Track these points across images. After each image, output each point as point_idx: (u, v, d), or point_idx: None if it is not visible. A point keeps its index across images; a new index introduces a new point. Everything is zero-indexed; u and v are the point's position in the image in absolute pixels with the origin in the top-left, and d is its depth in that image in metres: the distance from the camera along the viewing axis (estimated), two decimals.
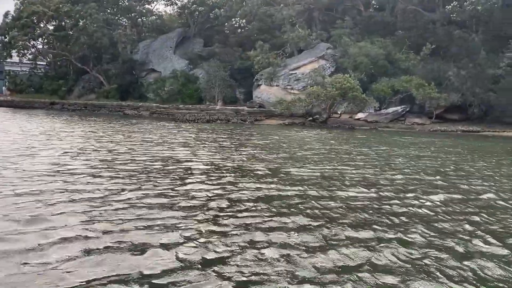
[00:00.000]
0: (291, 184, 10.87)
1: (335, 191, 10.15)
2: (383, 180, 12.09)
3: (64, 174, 10.77)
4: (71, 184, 9.58)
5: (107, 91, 55.75)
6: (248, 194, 9.42)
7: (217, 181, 10.81)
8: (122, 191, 9.11)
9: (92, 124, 29.54)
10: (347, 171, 13.32)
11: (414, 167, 15.12)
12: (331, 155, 17.69)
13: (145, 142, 19.14)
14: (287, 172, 12.69)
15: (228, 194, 9.37)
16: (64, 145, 17.03)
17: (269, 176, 11.88)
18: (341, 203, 8.97)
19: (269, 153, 17.19)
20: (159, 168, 12.44)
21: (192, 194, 9.24)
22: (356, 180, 11.90)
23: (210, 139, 22.37)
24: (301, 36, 45.98)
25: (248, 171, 12.61)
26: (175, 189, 9.63)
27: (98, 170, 11.63)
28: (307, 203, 8.82)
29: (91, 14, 55.82)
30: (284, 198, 9.24)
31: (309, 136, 27.09)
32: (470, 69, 38.74)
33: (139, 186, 9.76)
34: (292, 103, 37.96)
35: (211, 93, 49.23)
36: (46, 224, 6.60)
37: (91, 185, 9.61)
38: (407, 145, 23.81)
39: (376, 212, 8.38)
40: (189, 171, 12.22)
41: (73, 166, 12.05)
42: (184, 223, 7.01)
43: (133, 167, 12.27)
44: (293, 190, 10.02)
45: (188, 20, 59.21)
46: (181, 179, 10.91)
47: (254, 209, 8.17)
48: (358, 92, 36.86)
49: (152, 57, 57.52)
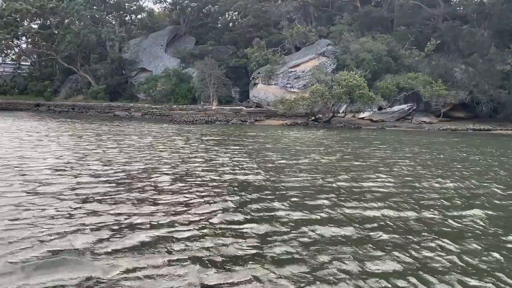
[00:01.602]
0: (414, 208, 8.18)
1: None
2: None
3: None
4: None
5: (95, 92, 52.32)
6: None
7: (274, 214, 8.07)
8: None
9: (79, 126, 26.45)
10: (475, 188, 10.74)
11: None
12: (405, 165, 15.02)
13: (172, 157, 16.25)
14: (367, 190, 9.98)
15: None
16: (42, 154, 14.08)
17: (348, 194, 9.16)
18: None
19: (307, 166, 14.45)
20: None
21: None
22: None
23: (228, 147, 19.59)
24: (301, 32, 43.23)
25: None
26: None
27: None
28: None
29: (78, 10, 52.30)
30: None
31: (324, 138, 24.39)
32: (481, 65, 36.42)
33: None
34: (295, 102, 35.20)
35: (205, 92, 46.23)
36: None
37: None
38: (456, 146, 21.43)
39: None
40: (238, 186, 9.47)
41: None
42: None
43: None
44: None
45: (180, 17, 56.05)
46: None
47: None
48: (365, 90, 34.27)
49: (142, 55, 54.29)
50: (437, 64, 39.08)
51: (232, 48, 51.89)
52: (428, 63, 40.24)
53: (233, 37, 52.22)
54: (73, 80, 57.27)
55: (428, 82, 37.40)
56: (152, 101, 49.41)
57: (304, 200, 8.78)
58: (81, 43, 53.31)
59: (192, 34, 58.25)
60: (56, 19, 55.41)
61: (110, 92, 52.81)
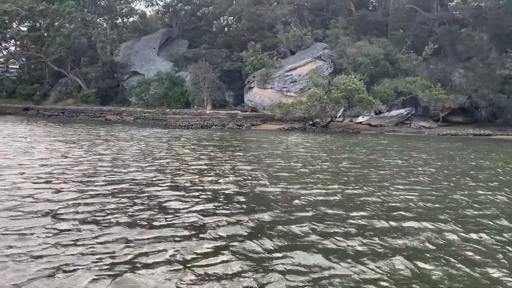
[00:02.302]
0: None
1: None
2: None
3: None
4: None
5: (86, 95, 50.66)
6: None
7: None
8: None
9: (69, 131, 24.95)
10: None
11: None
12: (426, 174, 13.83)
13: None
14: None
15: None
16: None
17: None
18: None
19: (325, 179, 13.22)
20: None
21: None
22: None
23: (235, 154, 18.29)
24: (297, 35, 42.08)
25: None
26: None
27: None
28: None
29: (69, 12, 50.66)
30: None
31: (327, 143, 23.19)
32: (480, 69, 35.57)
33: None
34: (293, 106, 33.98)
35: (199, 96, 44.87)
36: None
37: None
38: (462, 152, 20.22)
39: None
40: (255, 200, 8.20)
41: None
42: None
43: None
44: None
45: (172, 20, 54.64)
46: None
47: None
48: (365, 94, 33.19)
49: (134, 59, 52.77)
50: (435, 68, 38.19)
51: (226, 51, 50.64)
52: (426, 67, 39.34)
53: (227, 40, 50.96)
54: (63, 84, 55.55)
55: (426, 86, 36.48)
56: (144, 105, 47.93)
57: (336, 222, 7.52)
58: (72, 45, 51.69)
59: (184, 37, 56.91)
60: (46, 21, 53.70)
61: (101, 95, 51.22)
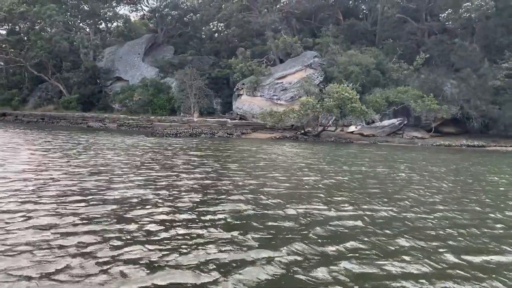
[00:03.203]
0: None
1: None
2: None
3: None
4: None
5: (67, 101, 48.45)
6: None
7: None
8: None
9: (47, 138, 23.02)
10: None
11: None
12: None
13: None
14: None
15: None
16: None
17: None
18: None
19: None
20: None
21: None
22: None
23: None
24: (287, 43, 40.86)
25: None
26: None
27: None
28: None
29: (50, 16, 48.48)
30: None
31: (324, 153, 21.80)
32: (474, 80, 34.84)
33: None
34: (285, 114, 32.62)
35: (186, 103, 43.19)
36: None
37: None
38: (466, 164, 19.01)
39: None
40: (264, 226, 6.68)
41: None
42: None
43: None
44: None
45: (159, 25, 52.92)
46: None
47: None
48: (358, 103, 32.04)
49: (118, 64, 50.83)
50: (426, 78, 37.37)
51: (213, 58, 49.14)
52: (417, 77, 38.54)
53: (215, 47, 49.49)
54: (43, 89, 53.28)
55: (419, 96, 35.60)
56: (128, 111, 45.99)
57: (393, 259, 6.06)
58: (53, 50, 49.52)
59: (170, 43, 55.27)
60: (26, 24, 51.40)
61: (83, 102, 49.08)
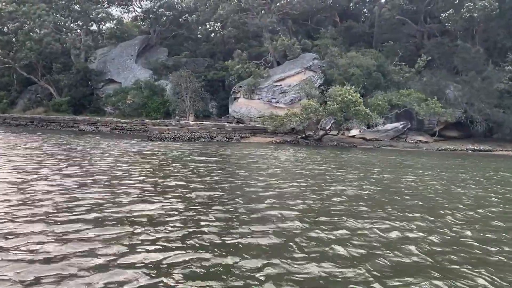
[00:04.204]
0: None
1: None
2: None
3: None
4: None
5: (58, 104, 46.46)
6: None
7: None
8: None
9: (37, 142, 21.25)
10: None
11: None
12: None
13: None
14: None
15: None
16: None
17: None
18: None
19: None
20: None
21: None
22: None
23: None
24: (286, 44, 39.44)
25: None
26: None
27: None
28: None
29: (40, 16, 46.50)
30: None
31: (332, 159, 20.34)
32: (478, 83, 33.72)
33: None
34: (287, 118, 31.14)
35: (181, 106, 41.55)
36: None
37: None
38: (484, 169, 17.65)
39: None
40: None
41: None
42: None
43: None
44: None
45: (153, 26, 51.15)
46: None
47: None
48: (361, 107, 30.69)
49: (110, 66, 48.99)
50: (429, 81, 36.19)
51: (209, 60, 47.55)
52: (419, 79, 37.37)
53: (211, 49, 47.90)
54: (33, 91, 51.20)
55: (422, 99, 34.38)
56: (121, 115, 44.22)
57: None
58: (43, 51, 47.51)
59: (163, 44, 53.57)
60: (14, 24, 49.28)
61: (74, 104, 47.16)
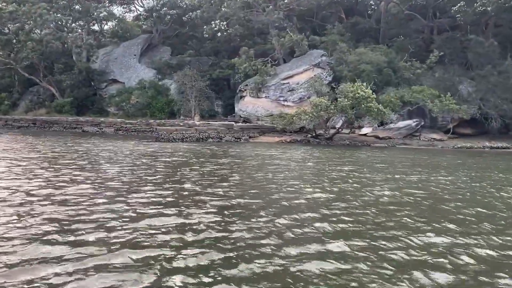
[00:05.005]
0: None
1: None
2: None
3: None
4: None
5: (60, 105, 45.26)
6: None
7: None
8: None
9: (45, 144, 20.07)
10: None
11: None
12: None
13: None
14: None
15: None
16: None
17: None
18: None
19: None
20: None
21: None
22: None
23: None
24: (294, 41, 38.19)
25: None
26: None
27: None
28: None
29: (41, 15, 45.28)
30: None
31: (353, 159, 19.10)
32: (494, 78, 32.41)
33: None
34: (297, 116, 29.92)
35: (186, 106, 40.34)
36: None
37: None
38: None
39: None
40: None
41: None
42: None
43: None
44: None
45: (156, 25, 49.87)
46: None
47: None
48: (374, 103, 29.44)
49: (113, 66, 47.77)
50: (442, 77, 34.90)
51: (213, 58, 46.30)
52: (431, 75, 36.09)
53: (215, 47, 46.62)
54: (35, 92, 49.97)
55: (435, 96, 33.10)
56: (125, 115, 43.02)
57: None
58: (44, 51, 46.32)
59: (166, 44, 52.32)
60: (15, 24, 48.06)
61: (76, 105, 45.93)
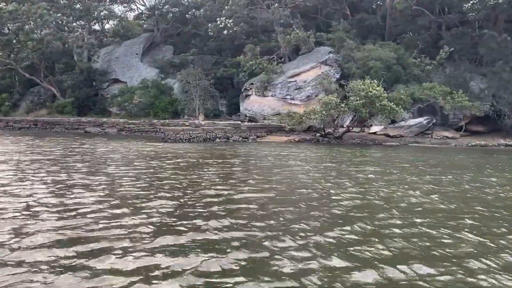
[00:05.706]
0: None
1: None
2: None
3: None
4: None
5: (61, 106, 44.19)
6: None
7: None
8: None
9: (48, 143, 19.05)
10: None
11: None
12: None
13: None
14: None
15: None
16: None
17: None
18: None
19: None
20: None
21: None
22: None
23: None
24: (301, 38, 37.15)
25: None
26: None
27: None
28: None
29: (41, 15, 44.18)
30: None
31: (373, 159, 18.07)
32: (508, 74, 31.40)
33: None
34: (307, 116, 28.89)
35: (190, 105, 39.32)
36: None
37: None
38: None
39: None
40: None
41: None
42: None
43: None
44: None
45: (158, 23, 48.76)
46: None
47: None
48: (386, 101, 28.43)
49: (115, 65, 46.68)
50: (452, 73, 33.88)
51: (217, 57, 45.24)
52: (442, 72, 35.07)
53: (219, 45, 45.53)
54: (36, 93, 48.88)
55: (447, 92, 32.08)
56: (127, 115, 41.98)
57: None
58: (45, 51, 45.27)
59: (168, 42, 51.24)
60: (15, 24, 46.96)
61: (78, 106, 44.84)
